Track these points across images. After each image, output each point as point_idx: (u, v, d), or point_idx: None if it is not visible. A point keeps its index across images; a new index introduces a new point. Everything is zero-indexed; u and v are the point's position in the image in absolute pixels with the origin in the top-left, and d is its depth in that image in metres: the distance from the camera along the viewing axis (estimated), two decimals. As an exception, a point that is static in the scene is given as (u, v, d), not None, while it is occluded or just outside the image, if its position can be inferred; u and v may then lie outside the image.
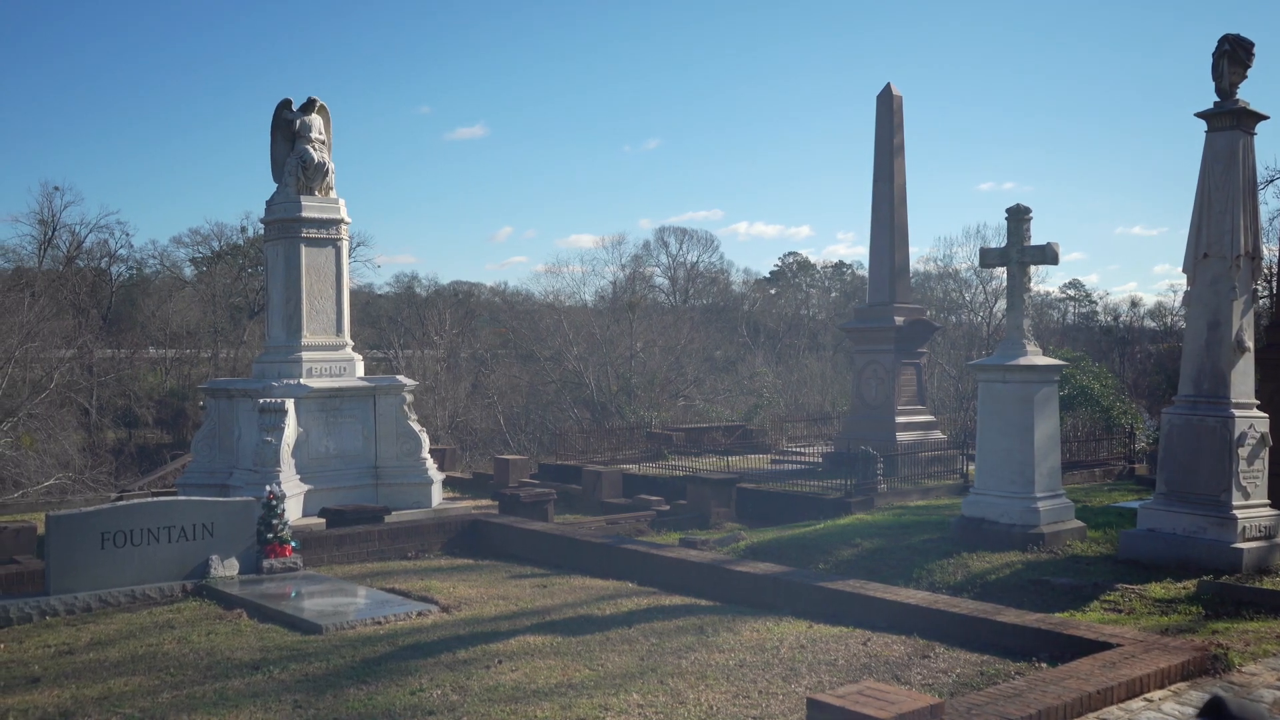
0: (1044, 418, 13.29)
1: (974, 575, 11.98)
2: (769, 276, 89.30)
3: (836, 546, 13.69)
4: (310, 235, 18.51)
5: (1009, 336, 13.72)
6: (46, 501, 25.67)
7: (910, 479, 20.85)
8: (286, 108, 18.96)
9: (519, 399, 51.09)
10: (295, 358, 18.29)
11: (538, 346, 52.67)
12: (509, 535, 12.48)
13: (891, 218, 23.62)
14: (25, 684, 7.53)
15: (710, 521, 18.33)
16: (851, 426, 24.05)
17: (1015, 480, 13.21)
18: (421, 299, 67.68)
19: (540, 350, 52.31)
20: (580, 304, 60.13)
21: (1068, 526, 13.27)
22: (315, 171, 18.69)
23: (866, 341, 23.86)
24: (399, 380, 19.10)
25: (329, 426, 18.24)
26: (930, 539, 13.62)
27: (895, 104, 23.87)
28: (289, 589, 10.21)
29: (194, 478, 18.80)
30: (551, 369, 51.25)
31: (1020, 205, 13.76)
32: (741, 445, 27.77)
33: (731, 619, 8.88)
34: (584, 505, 20.48)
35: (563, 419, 47.29)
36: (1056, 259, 13.51)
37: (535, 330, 54.28)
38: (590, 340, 50.91)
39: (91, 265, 63.86)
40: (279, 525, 10.89)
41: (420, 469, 18.59)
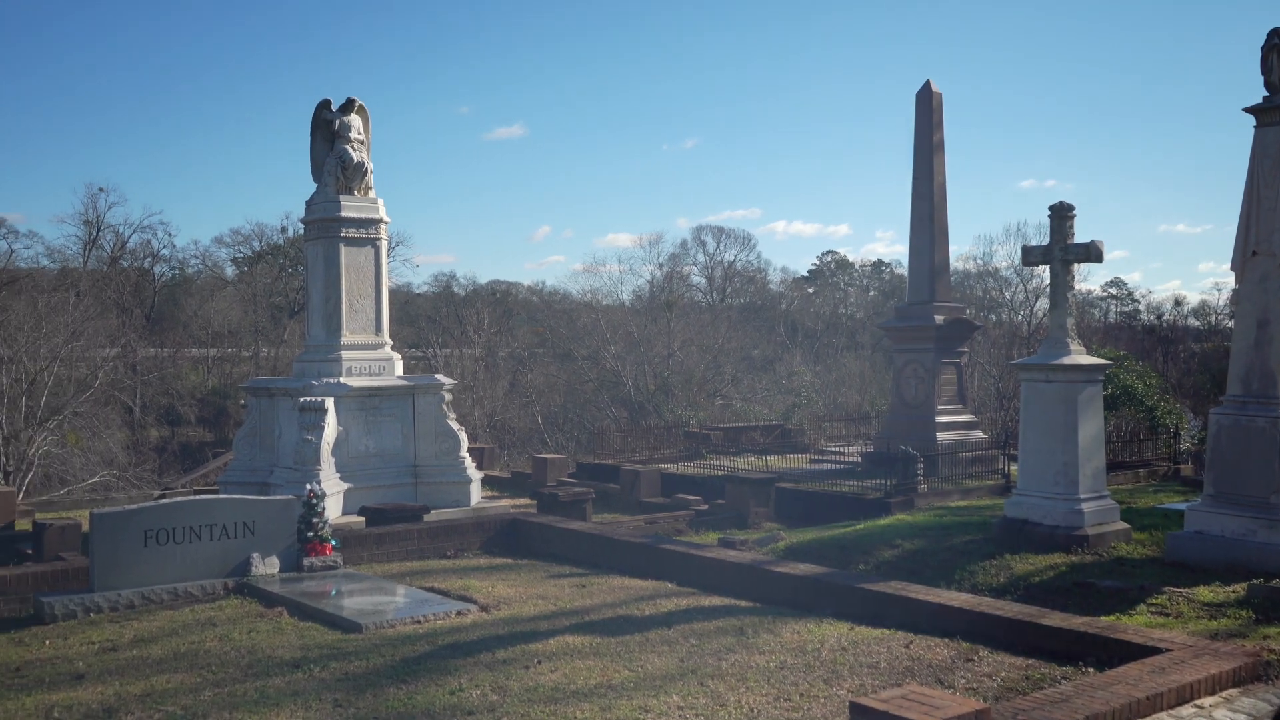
0: (1088, 418, 13.12)
1: (1017, 577, 11.84)
2: (807, 275, 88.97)
3: (877, 547, 13.58)
4: (349, 235, 18.59)
5: (1052, 335, 13.55)
6: (91, 499, 25.99)
7: (951, 479, 20.67)
8: (326, 108, 19.06)
9: (556, 398, 51.17)
10: (335, 357, 18.38)
11: (575, 345, 52.74)
12: (547, 535, 12.47)
13: (931, 216, 23.42)
14: (70, 680, 7.58)
15: (749, 521, 18.25)
16: (891, 426, 23.88)
17: (1059, 481, 13.05)
18: (460, 298, 68.02)
19: (578, 349, 52.38)
20: (618, 303, 60.15)
21: (1112, 528, 13.09)
22: (354, 171, 18.78)
23: (906, 340, 23.67)
24: (438, 379, 19.15)
25: (368, 425, 18.32)
26: (972, 540, 13.48)
27: (935, 101, 23.67)
28: (329, 587, 10.25)
29: (235, 475, 18.94)
30: (589, 368, 51.30)
31: (1064, 203, 13.58)
32: (780, 445, 27.63)
33: (772, 620, 8.82)
34: (622, 504, 20.45)
35: (600, 418, 47.34)
36: (1101, 257, 13.31)
37: (572, 329, 54.36)
38: (628, 339, 50.91)
39: (135, 265, 64.66)
40: (319, 524, 10.93)
41: (459, 468, 18.63)
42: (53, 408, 38.85)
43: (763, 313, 71.47)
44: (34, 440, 37.82)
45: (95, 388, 40.80)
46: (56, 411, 38.93)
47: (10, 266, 57.32)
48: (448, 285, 75.03)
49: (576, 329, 53.76)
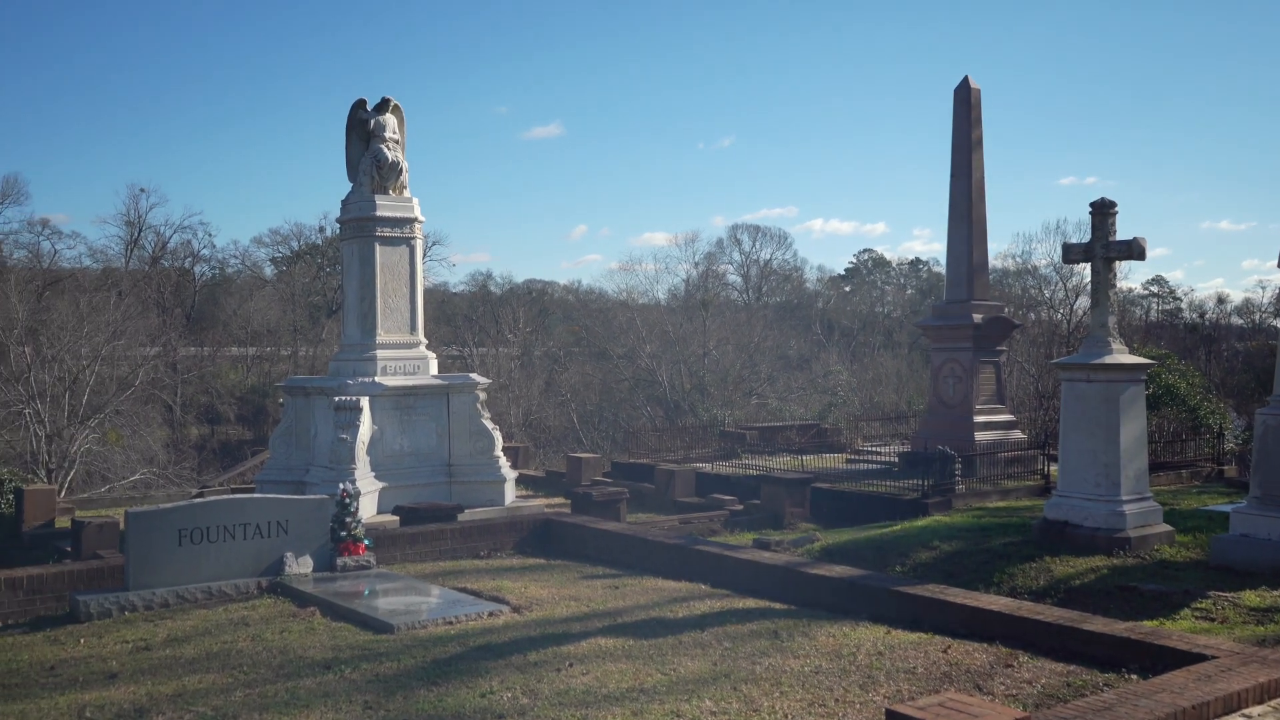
0: (1130, 418, 12.89)
1: (1057, 580, 11.65)
2: (843, 274, 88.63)
3: (913, 549, 13.41)
4: (384, 234, 18.61)
5: (1093, 334, 13.33)
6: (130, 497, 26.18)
7: (989, 480, 20.45)
8: (361, 107, 19.09)
9: (592, 397, 51.17)
10: (370, 356, 18.40)
11: (611, 345, 52.71)
12: (581, 535, 12.40)
13: (969, 214, 23.18)
14: (103, 680, 7.59)
15: (784, 522, 18.11)
16: (928, 426, 23.66)
17: (1100, 482, 12.83)
18: (496, 297, 68.20)
19: (613, 348, 52.34)
20: (653, 302, 60.09)
21: (1155, 531, 12.86)
22: (389, 171, 18.79)
23: (944, 339, 23.45)
24: (472, 378, 19.14)
25: (403, 424, 18.33)
26: (1011, 542, 13.29)
27: (973, 98, 23.42)
28: (362, 587, 10.23)
29: (272, 474, 19.01)
30: (625, 367, 51.26)
31: (1105, 199, 13.36)
32: (816, 444, 27.45)
33: (807, 623, 8.70)
34: (657, 504, 20.37)
35: (636, 417, 47.29)
36: (1143, 254, 13.09)
37: (608, 328, 54.33)
38: (663, 338, 50.82)
39: (175, 265, 65.33)
40: (352, 523, 10.92)
41: (493, 467, 18.61)
42: (94, 406, 39.24)
43: (798, 311, 71.22)
44: (76, 438, 38.23)
45: (135, 386, 41.20)
46: (98, 410, 39.32)
47: (54, 267, 58.09)
48: (484, 284, 75.33)
49: (612, 328, 53.73)
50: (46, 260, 58.72)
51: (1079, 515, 12.91)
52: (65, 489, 36.61)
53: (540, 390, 49.51)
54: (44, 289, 50.63)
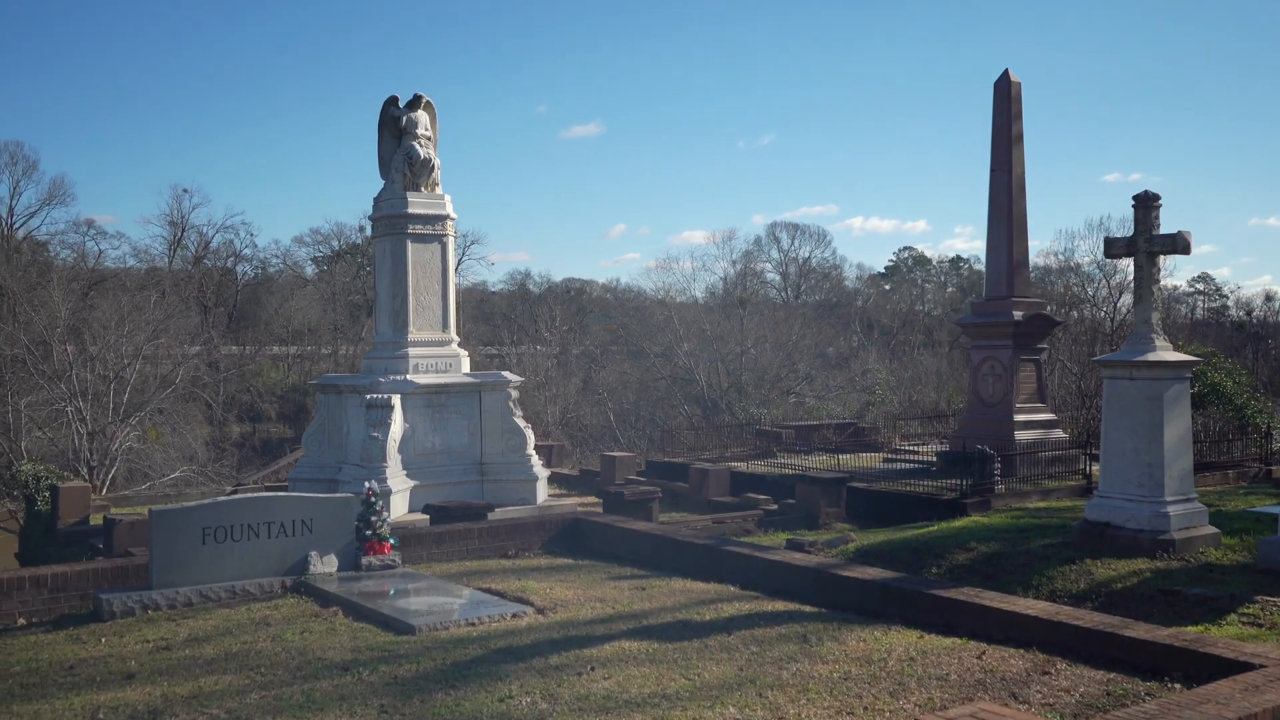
0: (1174, 417, 12.54)
1: (1098, 584, 11.34)
2: (883, 272, 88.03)
3: (950, 550, 13.12)
4: (416, 231, 18.53)
5: (1136, 331, 12.99)
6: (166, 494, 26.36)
7: (1029, 480, 20.11)
8: (393, 104, 19.02)
9: (629, 395, 51.01)
10: (402, 354, 18.34)
11: (648, 343, 52.53)
12: (609, 535, 12.22)
13: (1009, 209, 22.80)
14: (120, 680, 7.50)
15: (819, 522, 17.86)
16: (967, 425, 23.31)
17: (1143, 483, 12.49)
18: (534, 296, 68.24)
19: (650, 347, 52.15)
20: (691, 300, 59.85)
21: (1200, 533, 12.50)
22: (421, 168, 18.71)
23: (983, 337, 23.09)
24: (504, 376, 19.02)
25: (435, 422, 18.25)
26: (1050, 544, 12.97)
27: (1013, 91, 23.04)
28: (386, 587, 10.10)
29: (305, 472, 19.00)
30: (662, 365, 51.06)
31: (1149, 192, 13.01)
32: (853, 443, 27.17)
33: (836, 627, 8.46)
34: (690, 504, 20.17)
35: (673, 415, 47.09)
36: (1188, 248, 12.73)
37: (645, 327, 54.16)
38: (700, 336, 50.57)
39: (218, 265, 65.88)
40: (377, 522, 10.79)
41: (525, 465, 18.48)
42: (135, 404, 39.56)
43: (838, 309, 70.82)
44: (116, 436, 38.56)
45: (175, 384, 41.51)
46: (139, 408, 39.64)
47: (98, 266, 58.74)
48: (523, 283, 75.44)
49: (649, 326, 53.56)
50: (91, 260, 59.39)
51: (1121, 517, 12.58)
52: (106, 486, 36.98)
53: (577, 389, 49.40)
54: (89, 289, 51.21)
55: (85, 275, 54.02)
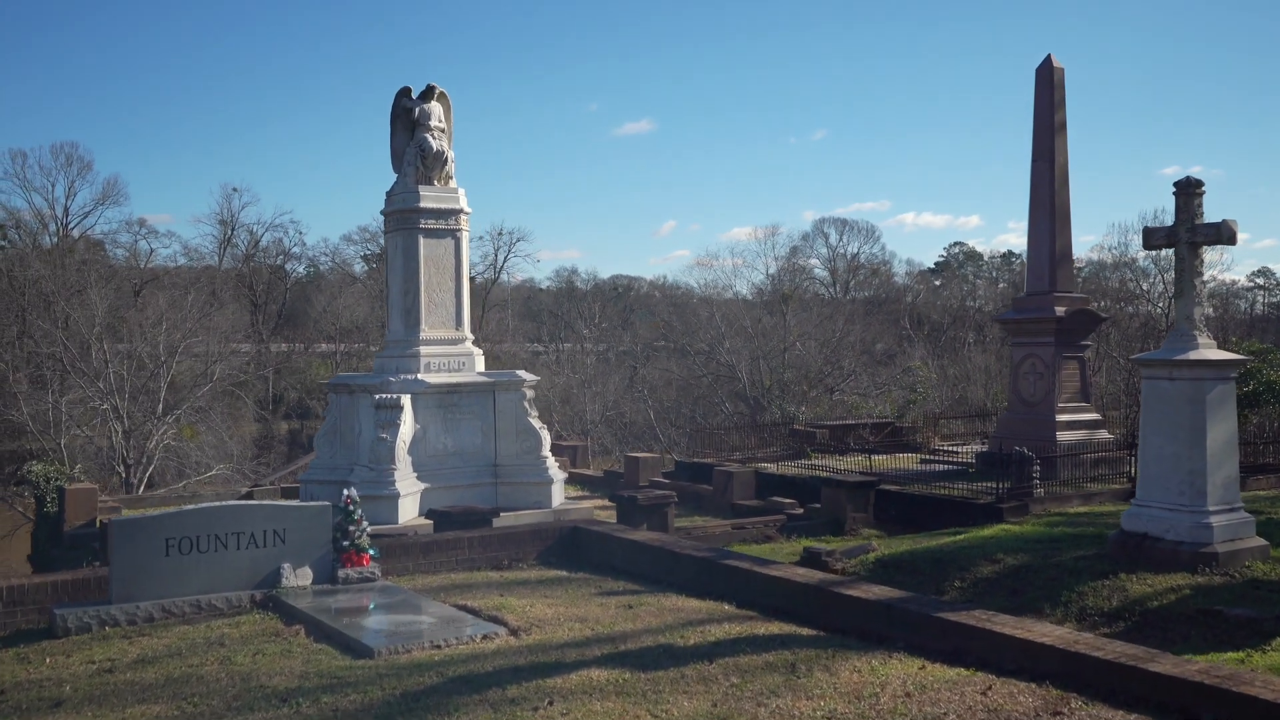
0: (1219, 420, 11.62)
1: (1132, 601, 10.48)
2: (933, 268, 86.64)
3: (976, 562, 12.30)
4: (428, 226, 17.96)
5: (1178, 327, 12.08)
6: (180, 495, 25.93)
7: (1072, 483, 19.17)
8: (406, 95, 18.46)
9: (670, 393, 50.36)
10: (413, 352, 17.78)
11: (690, 340, 51.83)
12: (608, 545, 11.54)
13: (1052, 200, 21.84)
14: (47, 707, 6.96)
15: (845, 527, 17.05)
16: (1007, 425, 22.40)
17: (1184, 491, 11.59)
18: (582, 293, 67.80)
19: (692, 344, 51.45)
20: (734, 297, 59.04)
21: (1246, 545, 11.57)
22: (434, 160, 18.13)
23: (1024, 334, 22.16)
24: (519, 375, 18.40)
25: (447, 423, 17.67)
26: (1084, 556, 12.10)
27: (1056, 77, 22.06)
28: (361, 602, 9.51)
29: (316, 474, 18.51)
30: (704, 363, 50.34)
31: (1191, 178, 12.09)
32: (890, 443, 26.22)
33: (831, 655, 7.71)
34: (714, 507, 19.47)
35: (715, 413, 46.36)
36: (1233, 238, 11.80)
37: (687, 324, 53.46)
38: (743, 333, 49.78)
39: (267, 263, 66.08)
40: (356, 532, 10.20)
41: (540, 467, 17.84)
42: (171, 403, 39.53)
43: (886, 306, 69.68)
44: (153, 434, 38.54)
45: (214, 381, 41.44)
46: (176, 405, 39.60)
47: (149, 265, 59.11)
48: (569, 280, 75.09)
49: (690, 324, 52.85)
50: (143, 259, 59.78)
51: (1160, 527, 11.69)
52: (143, 484, 36.95)
53: (620, 386, 48.73)
54: (140, 287, 51.45)
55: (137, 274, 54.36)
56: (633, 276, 76.06)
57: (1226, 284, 61.86)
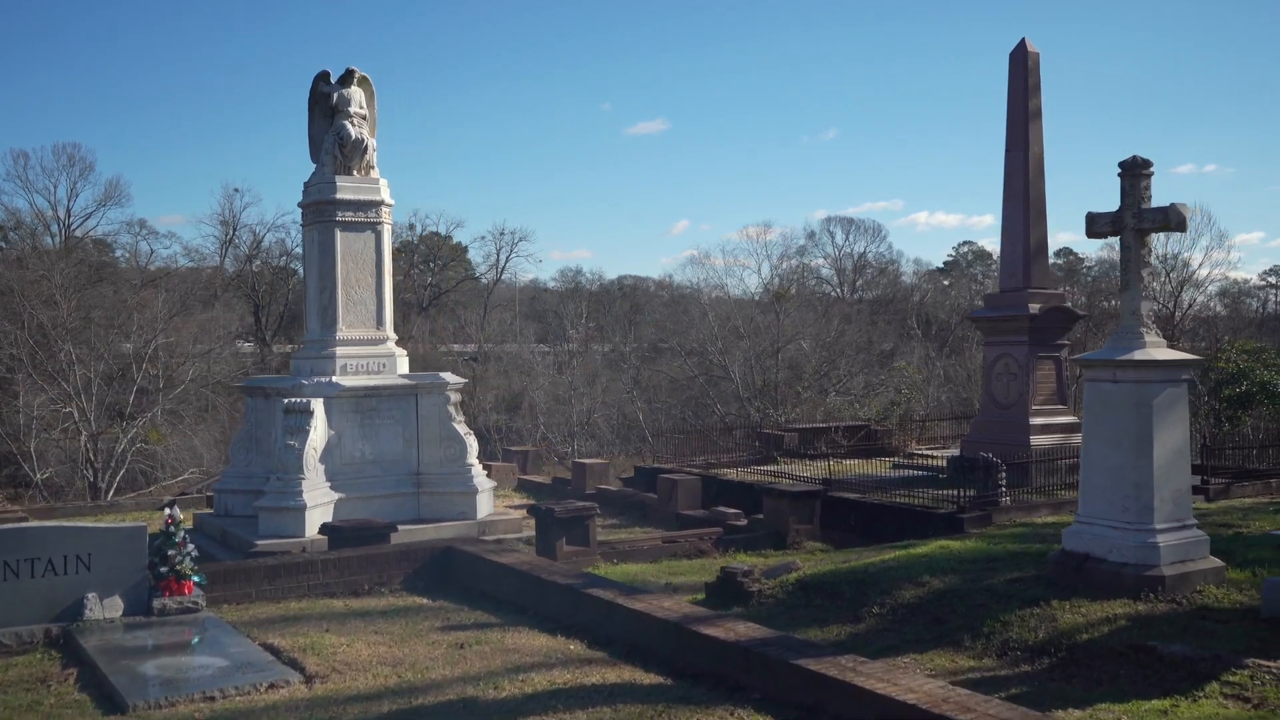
0: (1168, 426, 10.37)
1: (1060, 633, 9.26)
2: (942, 267, 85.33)
3: (900, 585, 11.07)
4: (346, 219, 16.84)
5: (1123, 324, 10.82)
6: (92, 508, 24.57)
7: (1044, 490, 17.98)
8: (324, 80, 17.34)
9: (661, 394, 49.19)
10: (329, 353, 16.67)
11: (681, 339, 50.67)
12: (478, 568, 10.37)
13: (1026, 191, 20.57)
14: None
15: (788, 540, 15.84)
16: (980, 429, 21.17)
17: (1128, 507, 10.34)
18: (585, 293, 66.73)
19: (685, 343, 50.29)
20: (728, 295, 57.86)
21: (1199, 567, 10.31)
22: (353, 149, 17.01)
23: (996, 333, 20.92)
24: (442, 377, 17.26)
25: (365, 429, 16.55)
26: (1020, 578, 10.86)
27: (1031, 62, 20.80)
28: (171, 637, 8.37)
29: (230, 483, 17.47)
30: (698, 363, 49.18)
31: (1138, 157, 10.84)
32: (866, 448, 24.96)
33: (663, 712, 6.50)
34: (659, 517, 18.29)
35: (708, 414, 45.18)
36: (1183, 224, 10.54)
37: (679, 323, 52.34)
38: (735, 333, 48.60)
39: (269, 264, 65.20)
40: (177, 557, 9.05)
41: (465, 476, 16.70)
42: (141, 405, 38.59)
43: (893, 305, 68.48)
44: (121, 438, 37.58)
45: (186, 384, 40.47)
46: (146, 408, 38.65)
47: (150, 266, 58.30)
48: (575, 280, 74.06)
49: (681, 323, 51.71)
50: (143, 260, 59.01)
51: (1102, 547, 10.45)
52: (111, 490, 35.94)
53: (606, 388, 47.54)
54: (140, 287, 50.55)
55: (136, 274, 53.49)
56: (639, 276, 74.87)
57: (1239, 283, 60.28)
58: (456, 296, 68.24)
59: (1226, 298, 58.88)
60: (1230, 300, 59.43)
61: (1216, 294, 54.59)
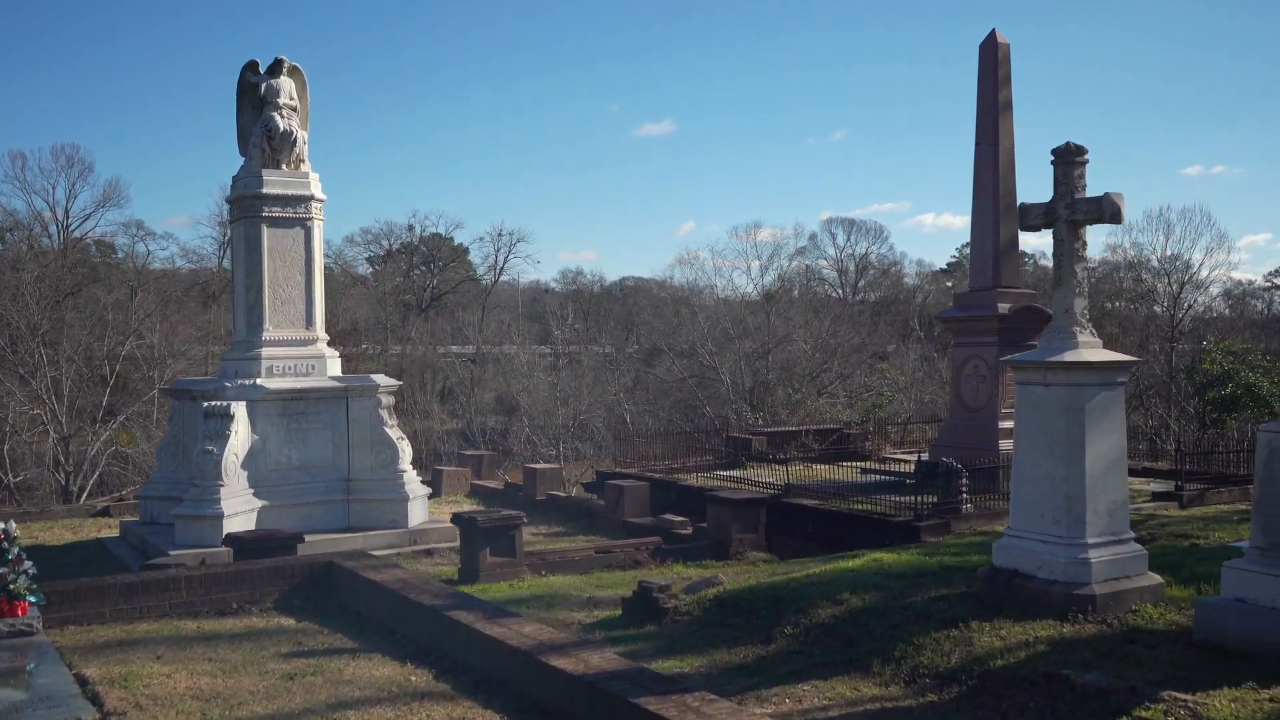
0: (1101, 433, 9.62)
1: (974, 659, 8.50)
2: (945, 268, 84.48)
3: (817, 603, 10.33)
4: (274, 214, 16.16)
5: (1056, 324, 10.07)
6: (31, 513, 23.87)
7: (1009, 495, 17.18)
8: (252, 70, 16.67)
9: (648, 396, 48.47)
10: (254, 355, 15.99)
11: (669, 341, 49.97)
12: (355, 586, 9.65)
13: (996, 187, 19.82)
14: None
15: (731, 551, 15.12)
16: (948, 433, 20.49)
17: (1059, 520, 9.59)
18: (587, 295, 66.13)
19: (672, 344, 49.58)
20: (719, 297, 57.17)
21: (1135, 585, 9.54)
22: (282, 141, 16.33)
23: (966, 333, 20.21)
24: (373, 379, 16.57)
25: (292, 433, 15.86)
26: (946, 596, 10.11)
27: (1000, 53, 20.06)
28: (12, 662, 7.64)
29: (156, 489, 16.85)
30: (687, 365, 48.47)
31: (1072, 144, 10.07)
32: (837, 451, 24.18)
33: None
34: (606, 524, 17.59)
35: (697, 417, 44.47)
36: (1119, 215, 9.78)
37: (667, 324, 51.67)
38: (725, 335, 47.88)
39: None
40: (10, 575, 8.32)
41: (396, 483, 16.01)
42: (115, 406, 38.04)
43: (895, 306, 67.84)
44: (95, 440, 37.03)
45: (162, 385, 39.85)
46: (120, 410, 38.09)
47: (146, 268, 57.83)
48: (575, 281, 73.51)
49: (670, 324, 51.04)
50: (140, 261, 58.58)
51: (1031, 563, 9.70)
52: (85, 494, 35.35)
53: (588, 389, 46.83)
54: (136, 289, 50.04)
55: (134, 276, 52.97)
56: (641, 277, 74.16)
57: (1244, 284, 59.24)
58: (456, 298, 67.69)
59: (1230, 299, 57.88)
60: (1234, 301, 58.39)
61: (1220, 295, 53.66)
